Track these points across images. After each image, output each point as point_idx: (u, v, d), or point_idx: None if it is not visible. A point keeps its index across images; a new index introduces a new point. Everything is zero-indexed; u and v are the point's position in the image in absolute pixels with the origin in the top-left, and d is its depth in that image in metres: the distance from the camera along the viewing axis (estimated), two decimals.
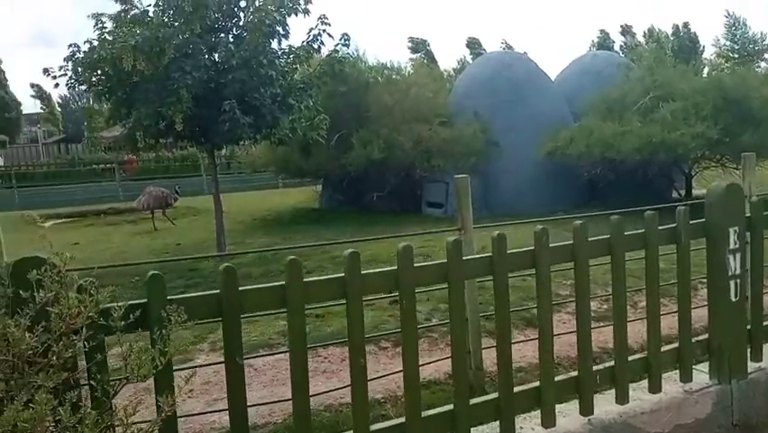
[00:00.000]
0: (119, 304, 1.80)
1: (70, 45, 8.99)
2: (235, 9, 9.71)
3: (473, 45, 47.97)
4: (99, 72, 9.10)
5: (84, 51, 8.96)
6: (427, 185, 14.16)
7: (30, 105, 49.88)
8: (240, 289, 2.18)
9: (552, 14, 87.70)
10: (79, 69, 9.05)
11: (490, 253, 2.64)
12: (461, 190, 4.40)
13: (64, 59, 8.95)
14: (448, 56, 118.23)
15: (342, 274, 2.34)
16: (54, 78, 9.13)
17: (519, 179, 13.69)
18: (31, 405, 1.38)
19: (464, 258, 2.56)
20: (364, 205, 14.80)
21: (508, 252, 2.64)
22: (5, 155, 32.86)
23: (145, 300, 2.01)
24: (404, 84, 14.89)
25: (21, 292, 1.58)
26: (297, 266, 2.24)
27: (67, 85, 9.33)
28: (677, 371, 3.23)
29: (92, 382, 1.76)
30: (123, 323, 1.76)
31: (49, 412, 1.37)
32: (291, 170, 15.89)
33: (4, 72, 44.62)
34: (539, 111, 14.12)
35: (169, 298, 2.03)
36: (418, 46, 47.41)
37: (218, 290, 2.16)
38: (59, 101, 53.65)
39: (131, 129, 9.50)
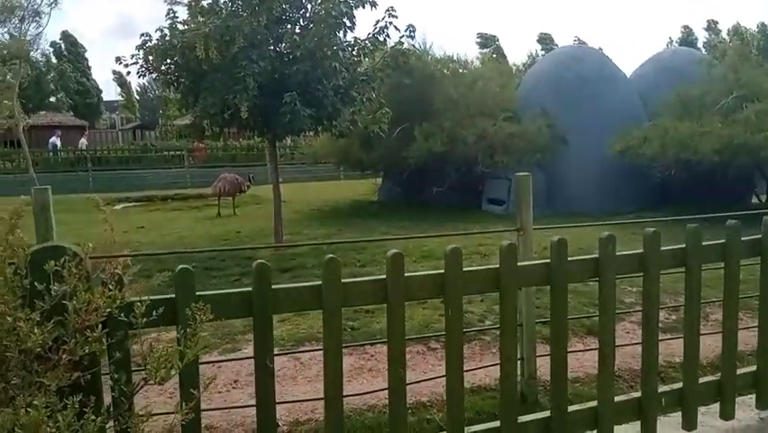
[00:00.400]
0: (143, 299, 1.71)
1: (142, 34, 9.21)
2: (303, 0, 9.68)
3: (545, 41, 46.72)
4: (169, 61, 9.27)
5: (155, 40, 9.14)
6: (489, 181, 13.80)
7: (110, 93, 52.32)
8: (273, 287, 2.05)
9: (631, 10, 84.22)
10: (150, 58, 9.25)
11: (548, 260, 2.41)
12: (521, 188, 4.14)
13: (136, 48, 9.17)
14: (518, 52, 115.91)
15: (383, 276, 2.18)
16: (126, 66, 9.37)
17: (585, 178, 13.15)
18: (28, 408, 1.29)
19: (519, 264, 2.35)
20: (423, 199, 14.61)
21: (570, 259, 2.41)
22: (87, 139, 34.47)
23: (172, 296, 1.92)
24: (470, 77, 14.55)
25: (36, 284, 1.50)
26: (335, 266, 2.09)
27: (138, 73, 9.55)
28: (752, 395, 2.90)
29: (111, 381, 1.68)
30: (144, 319, 1.66)
31: (46, 417, 1.28)
32: (351, 162, 15.86)
33: (87, 60, 46.88)
34: (610, 108, 13.49)
35: (198, 294, 1.93)
36: (487, 41, 46.58)
37: (250, 288, 2.04)
38: (138, 89, 56.07)
39: (197, 117, 9.65)
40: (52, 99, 37.93)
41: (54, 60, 41.21)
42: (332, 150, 15.72)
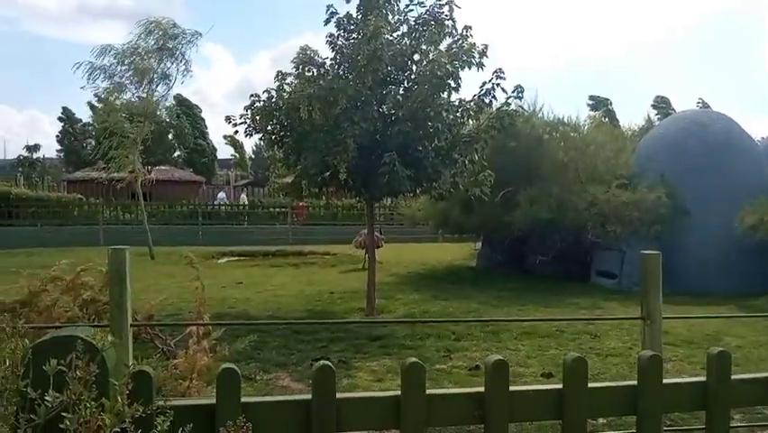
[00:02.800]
0: (167, 408, 1.34)
1: (251, 95, 9.47)
2: (408, 62, 9.62)
3: (661, 105, 44.66)
4: (274, 121, 9.45)
5: (263, 101, 9.37)
6: (599, 252, 12.80)
7: (224, 151, 55.85)
8: (340, 397, 1.61)
9: (757, 71, 79.36)
10: (257, 118, 9.47)
11: (704, 378, 1.82)
12: (648, 268, 3.46)
13: (244, 108, 9.43)
14: (631, 116, 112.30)
15: (480, 389, 1.69)
16: (235, 125, 9.64)
17: (708, 254, 11.84)
18: None
19: (664, 382, 1.78)
20: (525, 267, 13.78)
21: (736, 377, 1.80)
22: (202, 194, 36.50)
23: (211, 402, 1.53)
24: (581, 141, 13.82)
25: (29, 390, 1.17)
26: (418, 373, 1.62)
27: (245, 132, 9.80)
28: None
29: None
30: None
31: None
32: (450, 226, 15.40)
33: (204, 121, 50.43)
34: (739, 178, 12.22)
35: (243, 401, 1.53)
36: (599, 104, 45.22)
37: (309, 396, 1.61)
38: (254, 148, 59.56)
39: (297, 177, 9.70)
40: (176, 154, 40.86)
41: (169, 119, 44.69)
42: (431, 212, 15.37)
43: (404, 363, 1.63)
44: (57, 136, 52.23)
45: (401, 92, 9.64)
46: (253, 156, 60.46)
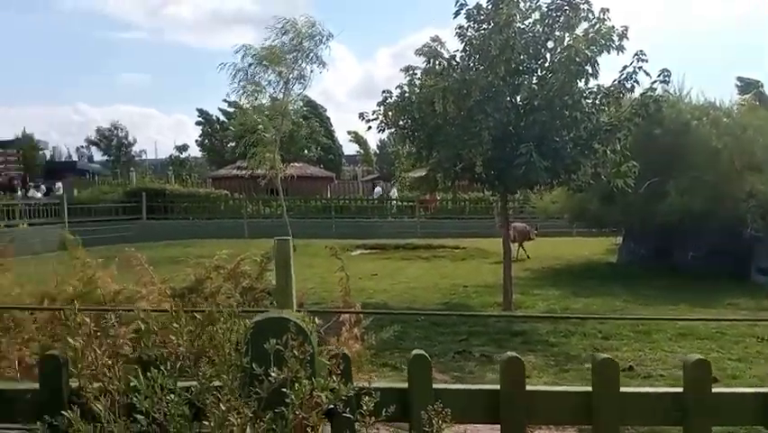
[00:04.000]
0: (372, 390, 1.39)
1: (383, 91, 9.64)
2: (542, 50, 9.31)
3: None
4: (406, 116, 9.56)
5: (395, 96, 9.51)
6: (759, 247, 11.62)
7: (348, 148, 57.72)
8: (529, 389, 1.58)
9: None
10: (389, 114, 9.63)
11: None
12: None
13: (377, 104, 9.62)
14: None
15: (679, 389, 1.58)
16: (368, 121, 9.87)
17: None
18: None
19: None
20: (673, 263, 12.82)
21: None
22: (332, 189, 37.91)
23: (404, 386, 1.56)
24: (736, 126, 12.61)
25: (254, 366, 1.26)
26: (611, 369, 1.55)
27: (378, 128, 10.00)
28: None
29: None
30: (372, 419, 1.33)
31: None
32: (588, 219, 14.70)
33: (329, 120, 52.32)
34: None
35: (434, 387, 1.55)
36: (749, 87, 41.01)
37: (497, 386, 1.59)
38: (378, 144, 60.92)
39: (430, 170, 9.76)
40: (307, 152, 42.83)
41: (302, 118, 46.84)
42: (566, 205, 14.77)
43: (595, 359, 1.57)
44: (197, 140, 56.67)
45: (535, 81, 9.36)
46: (378, 152, 61.80)
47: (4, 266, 8.49)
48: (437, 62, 9.27)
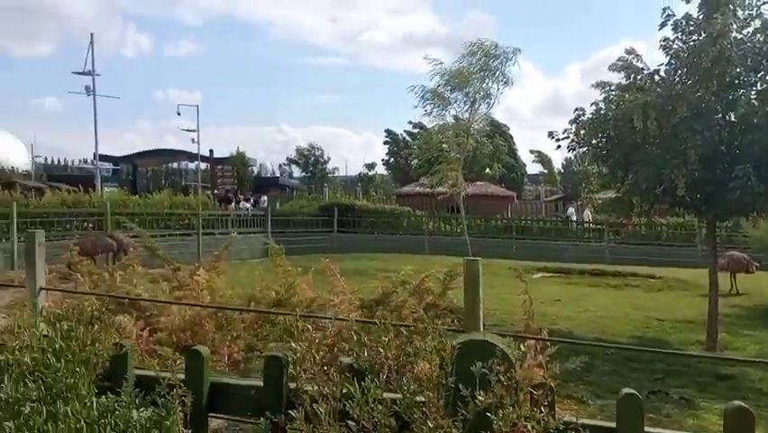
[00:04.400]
0: (580, 423, 1.32)
1: (576, 109, 9.27)
2: (764, 61, 8.29)
3: None
4: (601, 134, 9.09)
5: (589, 114, 9.09)
6: None
7: (531, 167, 56.30)
8: None
9: None
10: (582, 132, 9.23)
11: None
12: None
13: (569, 122, 9.28)
14: None
15: None
16: (557, 140, 9.55)
17: None
18: None
19: None
20: None
21: None
22: (512, 209, 37.30)
23: (613, 425, 1.47)
24: None
25: (460, 385, 1.27)
26: (746, 419, 1.30)
27: (568, 147, 9.64)
28: None
29: None
30: None
31: None
32: None
33: (512, 138, 51.42)
34: None
35: (646, 430, 1.44)
36: None
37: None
38: (563, 162, 58.71)
39: (626, 192, 9.15)
40: (488, 171, 42.66)
41: (485, 138, 46.69)
42: None
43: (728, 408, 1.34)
44: (383, 159, 59.30)
45: (754, 96, 8.37)
46: (562, 171, 59.50)
47: (219, 269, 9.62)
48: (638, 77, 8.71)
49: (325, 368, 1.55)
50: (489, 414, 1.28)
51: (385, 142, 59.24)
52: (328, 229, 24.83)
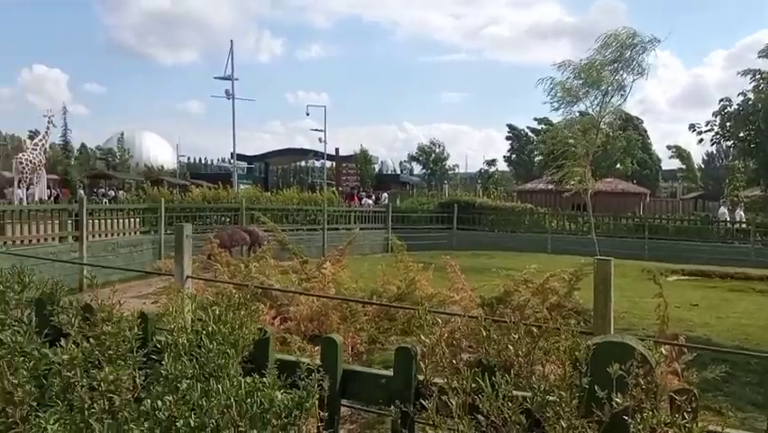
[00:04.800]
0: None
1: (721, 99, 8.61)
2: None
3: None
4: (749, 127, 8.34)
5: (735, 105, 8.37)
6: None
7: (667, 163, 52.44)
8: None
9: None
10: (728, 124, 8.53)
11: None
12: None
13: (713, 114, 8.63)
14: None
15: None
16: (700, 133, 8.91)
17: None
18: None
19: None
20: None
21: None
22: (644, 207, 35.11)
23: None
24: None
25: (595, 387, 1.25)
26: None
27: (711, 141, 8.96)
28: None
29: None
30: None
31: None
32: None
33: (646, 132, 48.17)
34: None
35: None
36: None
37: None
38: (704, 157, 54.34)
39: None
40: (619, 166, 40.42)
41: (617, 132, 44.02)
42: None
43: None
44: (504, 156, 58.11)
45: None
46: (703, 167, 55.11)
47: (343, 263, 9.97)
48: None
49: (453, 361, 1.58)
50: (625, 418, 1.24)
51: (507, 138, 58.13)
52: (447, 226, 24.82)
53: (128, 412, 1.68)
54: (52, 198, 27.06)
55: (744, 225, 23.10)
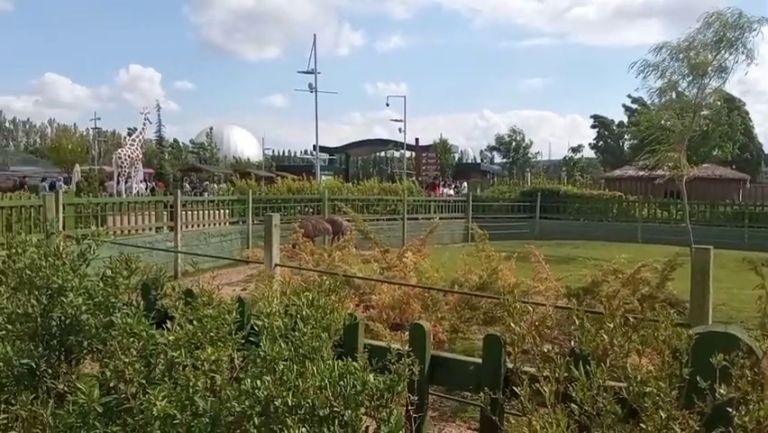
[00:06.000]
0: None
1: None
2: None
3: None
4: None
5: None
6: None
7: None
8: None
9: None
10: None
11: None
12: None
13: None
14: None
15: None
16: None
17: None
18: None
19: None
20: None
21: None
22: (744, 194, 32.93)
23: None
24: None
25: (697, 377, 1.20)
26: None
27: None
28: None
29: None
30: None
31: None
32: None
33: (748, 114, 44.88)
34: None
35: None
36: None
37: None
38: None
39: None
40: (717, 152, 38.02)
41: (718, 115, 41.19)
42: None
43: None
44: (590, 143, 55.96)
45: None
46: None
47: (424, 252, 9.98)
48: None
49: (546, 350, 1.57)
50: (729, 409, 1.19)
51: (593, 126, 56.02)
52: (530, 215, 24.29)
53: (229, 391, 1.78)
54: (148, 190, 28.72)
55: None
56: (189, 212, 15.49)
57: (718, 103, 18.72)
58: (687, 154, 16.52)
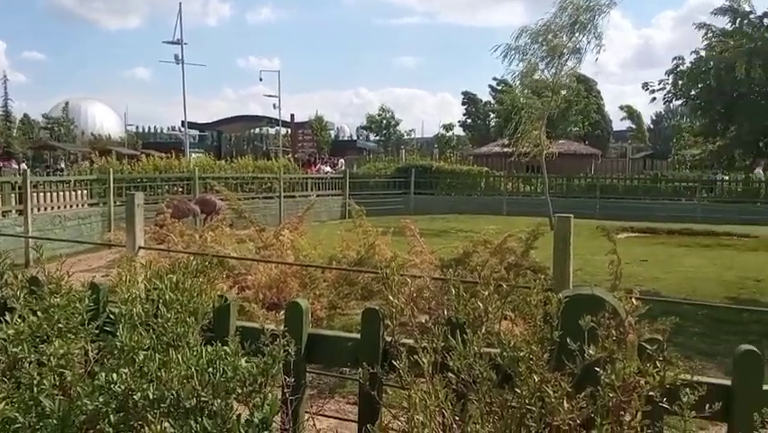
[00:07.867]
0: (694, 382, 1.26)
1: (674, 58, 8.72)
2: None
3: None
4: (700, 85, 8.53)
5: (688, 63, 8.54)
6: None
7: (619, 123, 53.64)
8: None
9: None
10: (680, 82, 8.70)
11: None
12: None
13: (665, 73, 8.74)
14: None
15: None
16: (653, 92, 9.06)
17: None
18: None
19: None
20: None
21: None
22: (596, 167, 35.96)
23: (727, 383, 1.39)
24: None
25: (567, 339, 1.23)
26: None
27: (664, 100, 9.12)
28: None
29: None
30: (693, 413, 1.21)
31: None
32: None
33: (599, 93, 48.92)
34: None
35: (765, 389, 1.35)
36: None
37: None
38: (653, 117, 55.78)
39: (728, 146, 8.60)
40: (573, 129, 41.07)
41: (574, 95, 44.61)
42: None
43: None
44: (459, 121, 58.35)
45: None
46: (652, 127, 56.61)
47: (301, 230, 9.83)
48: (744, 21, 8.05)
49: (423, 321, 1.56)
50: (597, 369, 1.23)
51: (463, 103, 58.19)
52: (404, 191, 24.86)
53: (81, 387, 1.60)
54: None
55: (692, 184, 23.94)
56: (41, 193, 14.11)
57: (575, 83, 20.16)
58: (547, 131, 17.68)
